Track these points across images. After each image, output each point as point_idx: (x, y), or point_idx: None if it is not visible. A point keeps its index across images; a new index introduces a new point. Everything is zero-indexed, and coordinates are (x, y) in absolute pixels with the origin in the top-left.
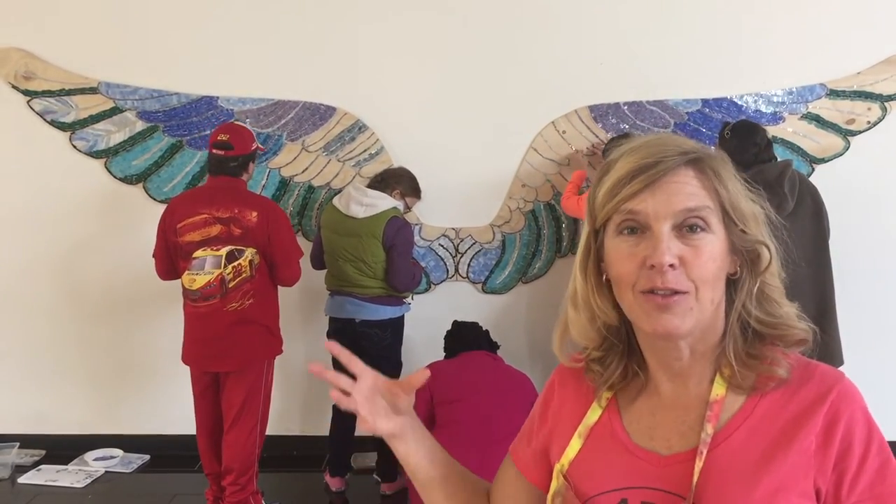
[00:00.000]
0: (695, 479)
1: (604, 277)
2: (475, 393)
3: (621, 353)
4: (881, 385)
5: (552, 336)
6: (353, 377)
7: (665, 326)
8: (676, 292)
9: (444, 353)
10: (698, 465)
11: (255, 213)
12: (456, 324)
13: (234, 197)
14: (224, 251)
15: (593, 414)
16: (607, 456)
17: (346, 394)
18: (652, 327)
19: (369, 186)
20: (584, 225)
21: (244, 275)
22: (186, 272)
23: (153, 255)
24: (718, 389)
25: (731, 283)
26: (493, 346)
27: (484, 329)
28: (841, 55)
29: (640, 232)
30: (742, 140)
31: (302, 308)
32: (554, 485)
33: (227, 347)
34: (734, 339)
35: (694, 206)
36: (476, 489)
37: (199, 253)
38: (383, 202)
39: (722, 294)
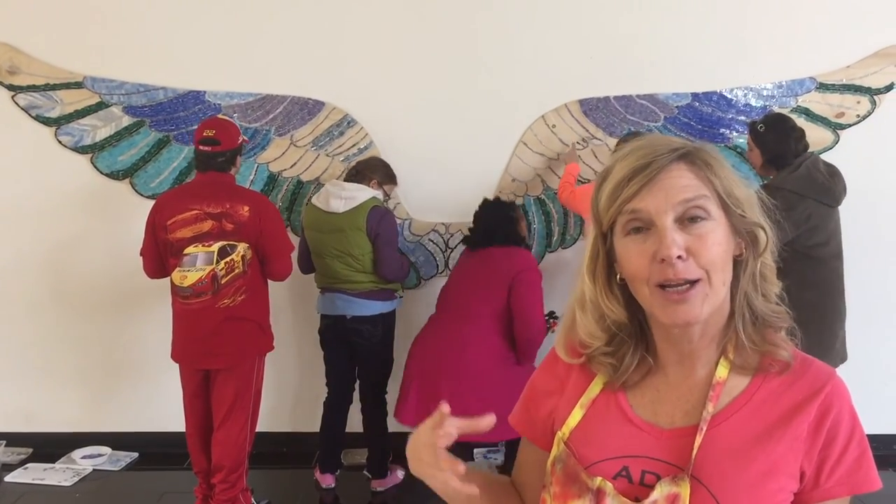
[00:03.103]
0: (694, 452)
1: (618, 277)
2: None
3: (634, 346)
4: (870, 382)
5: (555, 335)
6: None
7: (684, 317)
8: (691, 284)
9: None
10: (698, 440)
11: (246, 208)
12: (482, 207)
13: (224, 192)
14: (216, 247)
15: (595, 387)
16: (609, 425)
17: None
18: (671, 319)
19: (345, 181)
20: (586, 231)
21: (236, 270)
22: (177, 269)
23: (141, 254)
24: (722, 372)
25: (735, 265)
26: (509, 238)
27: (509, 215)
28: (830, 48)
29: (646, 230)
30: (778, 131)
31: (293, 305)
32: (555, 451)
33: (219, 344)
34: (743, 320)
35: (691, 197)
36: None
37: (190, 249)
38: (362, 193)
39: (730, 275)
